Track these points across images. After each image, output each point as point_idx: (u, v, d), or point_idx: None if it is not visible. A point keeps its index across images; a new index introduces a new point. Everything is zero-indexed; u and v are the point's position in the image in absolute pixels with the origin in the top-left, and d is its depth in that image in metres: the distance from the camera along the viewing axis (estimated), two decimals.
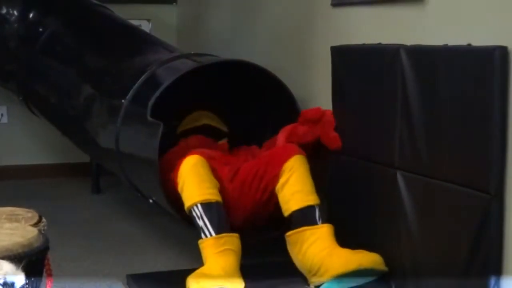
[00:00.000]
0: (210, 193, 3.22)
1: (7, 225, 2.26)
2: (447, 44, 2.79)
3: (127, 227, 4.37)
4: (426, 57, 2.90)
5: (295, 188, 3.26)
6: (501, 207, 2.57)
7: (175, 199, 3.39)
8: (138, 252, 3.81)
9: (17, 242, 2.04)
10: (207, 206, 3.19)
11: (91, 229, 4.32)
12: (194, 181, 3.23)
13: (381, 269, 3.06)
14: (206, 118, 4.18)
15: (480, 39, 2.64)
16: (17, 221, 2.33)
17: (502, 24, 2.57)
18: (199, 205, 3.18)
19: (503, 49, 2.52)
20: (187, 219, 3.32)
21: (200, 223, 3.15)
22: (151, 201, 3.90)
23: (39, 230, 2.23)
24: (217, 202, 3.22)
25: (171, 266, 3.50)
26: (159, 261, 3.66)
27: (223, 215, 3.22)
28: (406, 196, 2.99)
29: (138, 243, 4.04)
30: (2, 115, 5.56)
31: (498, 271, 2.61)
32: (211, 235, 3.12)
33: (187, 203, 3.22)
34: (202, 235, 3.14)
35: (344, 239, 3.18)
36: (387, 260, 3.06)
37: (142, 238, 4.14)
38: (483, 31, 2.65)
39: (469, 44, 2.68)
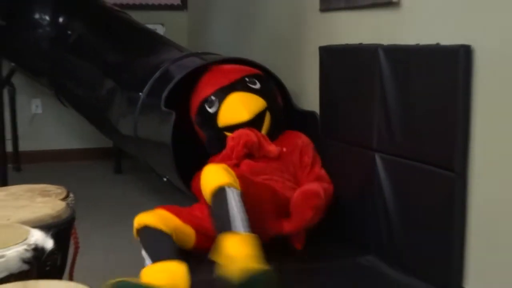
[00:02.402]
0: None
1: (40, 199, 2.28)
2: (419, 44, 2.79)
3: (145, 201, 4.37)
4: (400, 55, 2.90)
5: None
6: (465, 183, 2.58)
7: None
8: None
9: (47, 214, 2.06)
10: None
11: (113, 204, 4.34)
12: None
13: None
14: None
15: (448, 38, 2.64)
16: (48, 196, 2.35)
17: (466, 26, 2.58)
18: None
19: (467, 48, 2.52)
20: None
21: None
22: (165, 179, 3.91)
23: (67, 204, 2.25)
24: None
25: None
26: None
27: None
28: (383, 175, 3.00)
29: None
30: (37, 106, 5.58)
31: (462, 240, 2.62)
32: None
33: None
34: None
35: (328, 213, 3.21)
36: (367, 233, 3.07)
37: None
38: (450, 32, 2.65)
39: (438, 44, 2.68)
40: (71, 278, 2.32)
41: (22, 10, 4.64)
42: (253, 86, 3.50)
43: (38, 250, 1.65)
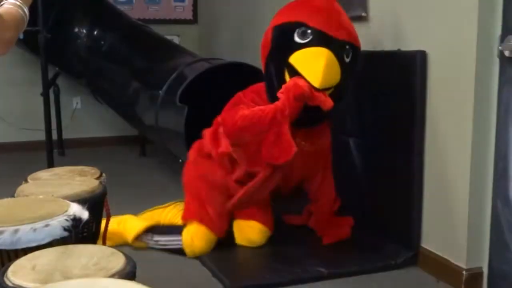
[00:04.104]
0: None
1: (78, 178, 2.28)
2: (384, 49, 2.79)
3: (164, 179, 4.37)
4: (370, 59, 2.88)
5: None
6: (422, 161, 2.60)
7: None
8: (171, 196, 3.80)
9: (84, 190, 2.05)
10: None
11: (139, 181, 4.32)
12: None
13: None
14: None
15: (407, 45, 2.65)
16: (85, 175, 2.34)
17: (422, 34, 2.58)
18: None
19: (423, 53, 2.54)
20: None
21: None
22: (180, 160, 3.90)
23: (100, 182, 2.24)
24: None
25: None
26: None
27: None
28: (356, 154, 3.00)
29: (171, 190, 4.03)
30: (77, 103, 5.57)
31: (420, 207, 2.63)
32: None
33: None
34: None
35: None
36: (342, 202, 3.05)
37: (174, 186, 4.12)
38: (409, 40, 2.65)
39: (399, 49, 2.69)
40: (104, 242, 2.31)
41: (63, 25, 4.61)
42: (345, 58, 2.58)
43: (76, 220, 1.65)
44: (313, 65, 2.47)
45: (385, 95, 2.77)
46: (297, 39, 2.53)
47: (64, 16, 4.67)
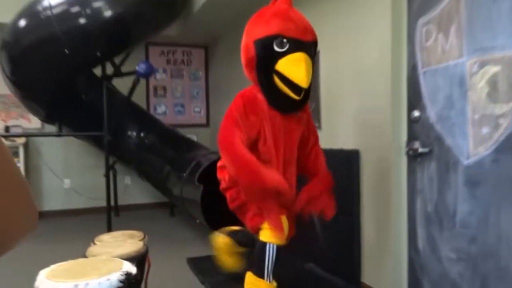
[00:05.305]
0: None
1: (129, 240, 2.26)
2: (332, 148, 2.84)
3: (188, 234, 4.32)
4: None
5: None
6: (359, 223, 2.60)
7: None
8: (194, 247, 3.77)
9: (133, 250, 2.04)
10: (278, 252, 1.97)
11: (169, 236, 4.27)
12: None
13: None
14: None
15: (347, 145, 2.70)
16: (133, 238, 2.33)
17: (356, 138, 2.63)
18: (275, 246, 1.96)
19: (357, 151, 2.58)
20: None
21: (267, 261, 1.97)
22: (198, 221, 3.88)
23: (144, 243, 2.22)
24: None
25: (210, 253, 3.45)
26: (204, 251, 3.61)
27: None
28: (316, 218, 2.99)
29: (194, 242, 4.00)
30: (128, 180, 5.56)
31: (359, 253, 2.62)
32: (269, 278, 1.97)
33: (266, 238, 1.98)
34: (264, 270, 1.97)
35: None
36: (307, 250, 3.03)
37: (196, 240, 4.09)
38: (348, 142, 2.70)
39: (342, 148, 2.74)
40: (145, 285, 2.27)
41: (120, 130, 4.69)
42: (313, 54, 2.10)
43: (128, 275, 1.64)
44: (297, 70, 2.00)
45: (334, 178, 2.80)
46: (276, 48, 2.01)
47: (120, 124, 4.75)
